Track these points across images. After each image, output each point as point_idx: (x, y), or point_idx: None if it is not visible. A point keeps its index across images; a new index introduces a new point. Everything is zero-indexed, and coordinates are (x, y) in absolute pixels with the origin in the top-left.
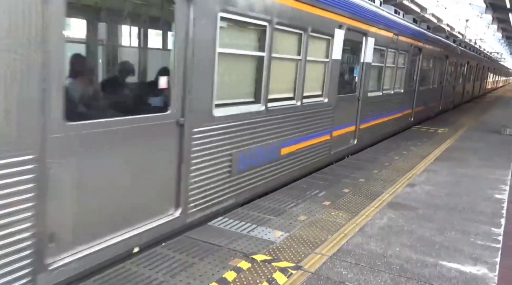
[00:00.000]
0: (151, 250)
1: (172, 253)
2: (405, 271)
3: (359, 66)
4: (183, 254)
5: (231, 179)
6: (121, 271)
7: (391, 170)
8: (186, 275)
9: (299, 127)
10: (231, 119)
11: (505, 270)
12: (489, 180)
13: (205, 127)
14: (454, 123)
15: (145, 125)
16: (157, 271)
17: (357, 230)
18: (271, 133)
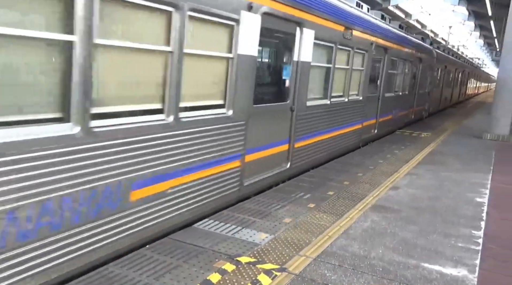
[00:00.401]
0: (135, 252)
1: (157, 255)
2: (388, 273)
3: (291, 66)
4: (168, 256)
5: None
6: (104, 273)
7: (375, 173)
8: (171, 277)
9: (172, 155)
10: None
11: (484, 272)
12: (470, 184)
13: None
14: (437, 128)
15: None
16: (141, 273)
17: (341, 232)
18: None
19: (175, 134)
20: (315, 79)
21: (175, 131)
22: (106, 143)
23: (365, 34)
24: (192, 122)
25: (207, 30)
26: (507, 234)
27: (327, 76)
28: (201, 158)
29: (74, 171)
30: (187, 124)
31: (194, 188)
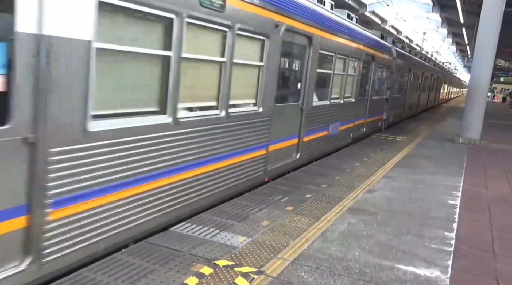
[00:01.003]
0: (110, 256)
1: (132, 259)
2: (364, 275)
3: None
4: (144, 260)
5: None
6: (78, 278)
7: (352, 176)
8: (147, 282)
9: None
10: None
11: (456, 272)
12: (443, 186)
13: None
14: (412, 131)
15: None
16: (116, 278)
17: (318, 234)
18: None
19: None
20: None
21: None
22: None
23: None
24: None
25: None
26: (477, 235)
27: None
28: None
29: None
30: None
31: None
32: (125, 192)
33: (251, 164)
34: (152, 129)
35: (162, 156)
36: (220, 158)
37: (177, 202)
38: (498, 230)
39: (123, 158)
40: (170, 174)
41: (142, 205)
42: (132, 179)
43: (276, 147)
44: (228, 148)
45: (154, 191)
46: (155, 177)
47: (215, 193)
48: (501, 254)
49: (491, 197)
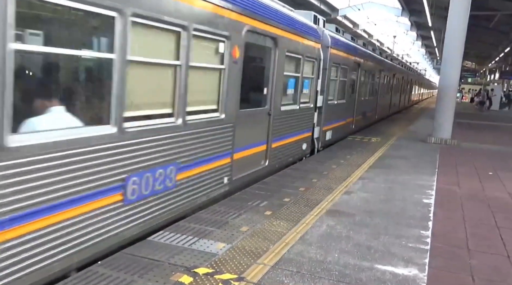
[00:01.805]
0: (85, 269)
1: (109, 271)
2: (344, 276)
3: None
4: (121, 271)
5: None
6: None
7: (329, 178)
8: None
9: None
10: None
11: (433, 269)
12: (417, 186)
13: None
14: (386, 132)
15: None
16: None
17: (297, 238)
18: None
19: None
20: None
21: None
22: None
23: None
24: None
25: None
26: (452, 233)
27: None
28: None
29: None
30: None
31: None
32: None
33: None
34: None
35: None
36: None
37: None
38: (471, 227)
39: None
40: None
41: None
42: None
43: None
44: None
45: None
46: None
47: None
48: (475, 250)
49: (464, 194)
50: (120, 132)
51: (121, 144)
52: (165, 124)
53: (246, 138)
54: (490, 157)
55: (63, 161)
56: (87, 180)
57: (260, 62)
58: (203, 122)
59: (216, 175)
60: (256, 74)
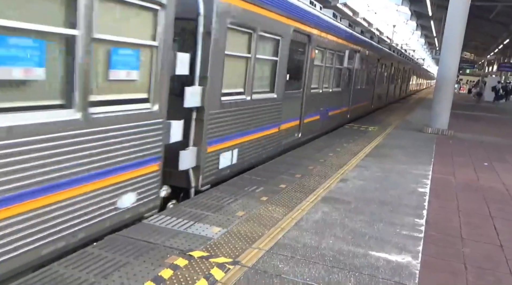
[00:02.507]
0: (81, 250)
1: (105, 253)
2: (338, 262)
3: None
4: (116, 253)
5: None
6: (48, 273)
7: (326, 165)
8: (120, 275)
9: None
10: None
11: (426, 257)
12: (413, 175)
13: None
14: (383, 122)
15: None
16: (88, 272)
17: (293, 224)
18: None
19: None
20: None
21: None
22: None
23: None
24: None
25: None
26: (446, 221)
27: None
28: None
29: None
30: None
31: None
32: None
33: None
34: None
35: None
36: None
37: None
38: (465, 216)
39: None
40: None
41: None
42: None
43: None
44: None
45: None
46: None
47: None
48: (468, 238)
49: (459, 184)
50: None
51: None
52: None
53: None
54: (485, 147)
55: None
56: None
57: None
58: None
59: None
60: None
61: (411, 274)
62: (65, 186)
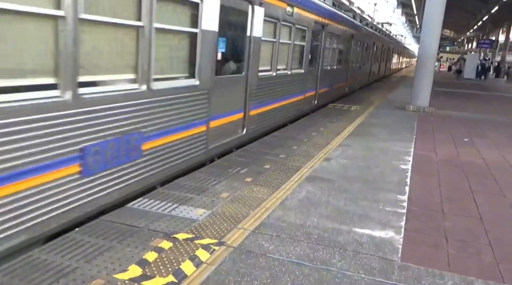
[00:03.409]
0: (62, 236)
1: (87, 237)
2: (323, 240)
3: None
4: (99, 238)
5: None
6: (28, 260)
7: (309, 145)
8: (103, 259)
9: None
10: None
11: (409, 232)
12: (395, 152)
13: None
14: (365, 101)
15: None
16: (70, 257)
17: (278, 203)
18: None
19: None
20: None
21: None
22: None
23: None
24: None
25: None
26: (427, 197)
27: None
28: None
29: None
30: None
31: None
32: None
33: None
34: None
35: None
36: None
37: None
38: (446, 191)
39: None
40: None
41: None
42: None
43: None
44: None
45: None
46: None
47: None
48: (449, 213)
49: (440, 160)
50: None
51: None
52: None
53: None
54: (465, 124)
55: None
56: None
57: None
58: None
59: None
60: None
61: (394, 248)
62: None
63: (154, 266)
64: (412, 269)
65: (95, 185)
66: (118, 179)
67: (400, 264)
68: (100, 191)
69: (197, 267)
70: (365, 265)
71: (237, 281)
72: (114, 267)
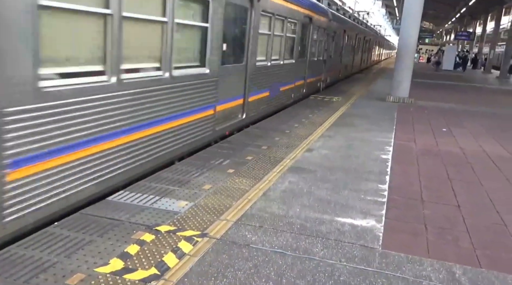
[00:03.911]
0: (41, 231)
1: (67, 231)
2: (305, 229)
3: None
4: (79, 232)
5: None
6: (6, 255)
7: (291, 136)
8: (84, 254)
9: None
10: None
11: (389, 220)
12: (376, 142)
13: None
14: (346, 92)
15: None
16: (50, 252)
17: (260, 194)
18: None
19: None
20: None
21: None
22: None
23: None
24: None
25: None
26: (407, 186)
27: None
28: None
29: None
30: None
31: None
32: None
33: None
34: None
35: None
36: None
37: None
38: (426, 180)
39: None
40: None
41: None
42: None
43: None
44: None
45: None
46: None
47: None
48: (428, 201)
49: (419, 149)
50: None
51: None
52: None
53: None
54: (444, 114)
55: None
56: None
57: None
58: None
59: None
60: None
61: (375, 237)
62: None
63: (136, 259)
64: (393, 256)
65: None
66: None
67: (381, 251)
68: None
69: (179, 259)
70: (347, 253)
71: (220, 272)
72: (95, 261)
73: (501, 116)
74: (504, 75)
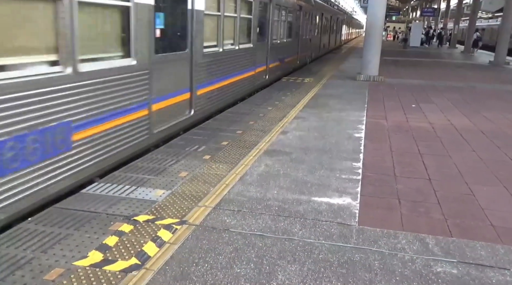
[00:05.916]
0: (14, 227)
1: (42, 227)
2: (283, 211)
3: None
4: (55, 226)
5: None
6: None
7: (266, 120)
8: (61, 248)
9: None
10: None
11: (364, 197)
12: (349, 121)
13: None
14: (318, 73)
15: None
16: (25, 248)
17: (237, 179)
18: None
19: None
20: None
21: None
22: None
23: None
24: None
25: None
26: (380, 162)
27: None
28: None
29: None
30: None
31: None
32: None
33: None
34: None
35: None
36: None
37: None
38: (397, 155)
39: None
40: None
41: None
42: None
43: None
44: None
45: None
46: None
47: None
48: (401, 176)
49: (390, 126)
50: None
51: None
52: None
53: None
54: (412, 90)
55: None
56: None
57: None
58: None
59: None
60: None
61: (352, 214)
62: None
63: (115, 250)
64: (369, 232)
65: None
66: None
67: (357, 228)
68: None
69: (160, 247)
70: (325, 232)
71: (201, 257)
72: (73, 255)
73: (466, 90)
74: (468, 50)
